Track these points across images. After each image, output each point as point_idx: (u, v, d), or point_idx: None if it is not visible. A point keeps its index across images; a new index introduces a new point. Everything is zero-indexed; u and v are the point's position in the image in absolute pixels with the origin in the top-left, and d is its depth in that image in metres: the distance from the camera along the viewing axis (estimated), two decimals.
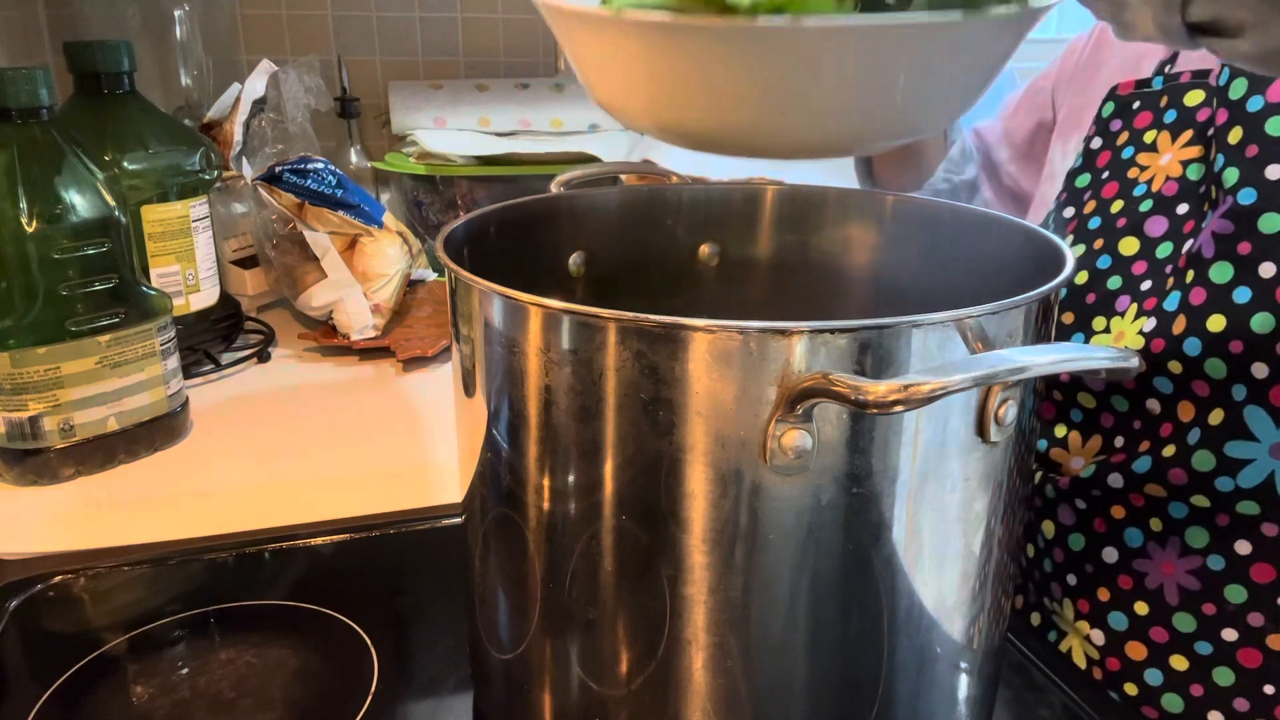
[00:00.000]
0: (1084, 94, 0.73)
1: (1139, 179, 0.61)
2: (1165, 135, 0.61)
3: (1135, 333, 0.56)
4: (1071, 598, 0.62)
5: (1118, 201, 0.61)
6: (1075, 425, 0.61)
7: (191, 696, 0.50)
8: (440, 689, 0.51)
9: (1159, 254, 0.58)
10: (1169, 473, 0.54)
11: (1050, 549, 0.63)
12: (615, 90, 0.43)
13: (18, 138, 0.67)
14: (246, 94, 1.05)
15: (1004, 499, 0.39)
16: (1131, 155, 0.62)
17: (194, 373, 0.89)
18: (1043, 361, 0.33)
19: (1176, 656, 0.57)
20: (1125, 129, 0.63)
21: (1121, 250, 0.59)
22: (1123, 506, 0.58)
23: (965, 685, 0.41)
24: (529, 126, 1.22)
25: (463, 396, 0.42)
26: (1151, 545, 0.57)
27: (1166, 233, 0.58)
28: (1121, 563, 0.59)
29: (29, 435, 0.68)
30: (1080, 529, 0.61)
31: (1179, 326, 0.53)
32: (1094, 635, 0.60)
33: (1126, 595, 0.58)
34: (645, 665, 0.37)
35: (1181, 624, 0.56)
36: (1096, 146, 0.65)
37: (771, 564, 0.35)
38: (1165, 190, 0.59)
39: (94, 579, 0.61)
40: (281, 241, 0.98)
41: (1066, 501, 0.61)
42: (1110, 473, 0.57)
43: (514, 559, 0.40)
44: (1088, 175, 0.64)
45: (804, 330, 0.32)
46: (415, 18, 1.35)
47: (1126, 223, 0.60)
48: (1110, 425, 0.59)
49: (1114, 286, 0.59)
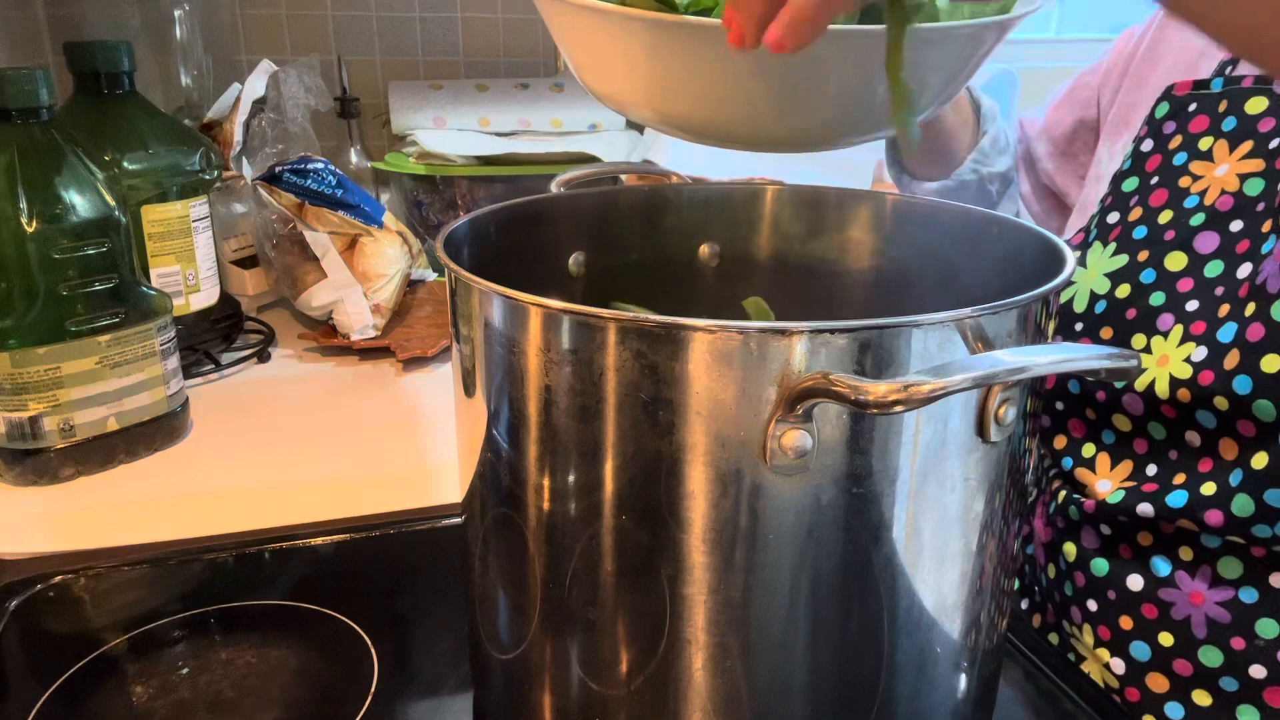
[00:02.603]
0: (1137, 91, 0.69)
1: (1191, 189, 0.57)
2: (1223, 144, 0.57)
3: (1181, 359, 0.53)
4: (1092, 624, 0.59)
5: (1166, 211, 0.57)
6: (1105, 447, 0.59)
7: (191, 696, 0.50)
8: (440, 689, 0.51)
9: (1208, 272, 0.54)
10: (1205, 513, 0.52)
11: (1071, 572, 0.60)
12: (603, 78, 0.44)
13: (18, 138, 0.67)
14: (246, 94, 1.05)
15: (1004, 499, 0.39)
16: (1184, 162, 0.58)
17: (194, 373, 0.89)
18: (1043, 361, 0.33)
19: (1200, 691, 0.55)
20: (1179, 132, 0.59)
21: (1168, 265, 0.56)
22: (1151, 534, 0.56)
23: (965, 685, 0.41)
24: (529, 126, 1.22)
25: (463, 396, 0.42)
26: (1180, 574, 0.55)
27: (1217, 250, 0.54)
28: (1147, 591, 0.56)
29: (29, 435, 0.68)
30: (1104, 554, 0.58)
31: (1231, 361, 0.50)
32: (1114, 664, 0.58)
33: (1150, 625, 0.56)
34: (645, 665, 0.37)
35: (1208, 658, 0.54)
36: (1147, 149, 0.61)
37: (771, 564, 0.35)
38: (1219, 205, 0.55)
39: (94, 579, 0.61)
40: (281, 241, 0.98)
41: (1091, 525, 0.59)
42: (1140, 501, 0.55)
43: (514, 559, 0.40)
44: (1135, 179, 0.61)
45: (804, 330, 0.32)
46: (415, 18, 1.35)
47: (1175, 236, 0.56)
48: (1144, 451, 0.57)
49: (1156, 303, 0.56)
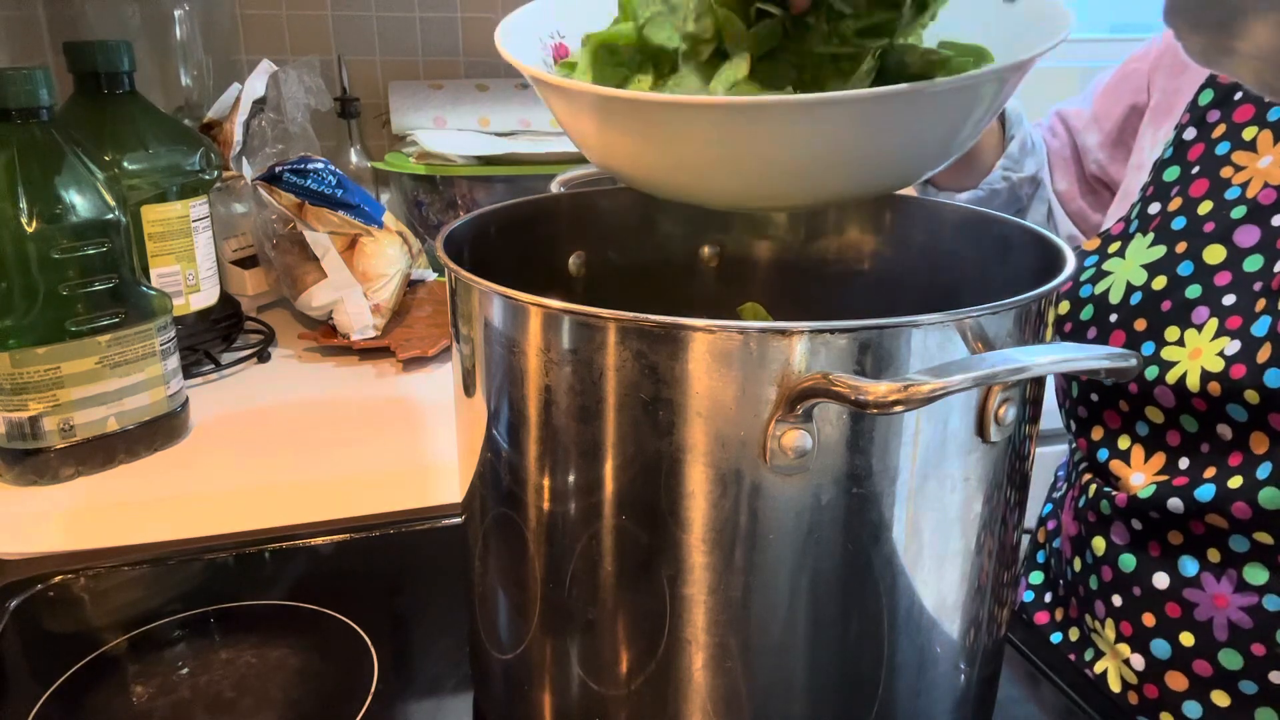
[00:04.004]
0: (1181, 76, 0.66)
1: (1233, 180, 0.56)
2: (1267, 135, 0.56)
3: (1214, 353, 0.53)
4: (1114, 619, 0.59)
5: (1206, 202, 0.57)
6: (1140, 439, 0.58)
7: (191, 696, 0.50)
8: (440, 689, 0.51)
9: (1246, 267, 0.54)
10: (1233, 505, 0.52)
11: (1098, 566, 0.60)
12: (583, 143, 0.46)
13: (18, 138, 0.67)
14: (246, 94, 1.05)
15: (1004, 499, 0.39)
16: (1227, 152, 0.57)
17: (194, 373, 0.89)
18: (1043, 361, 0.33)
19: (1218, 692, 0.55)
20: (1223, 121, 0.58)
21: (1206, 258, 0.55)
22: (1181, 533, 0.56)
23: (965, 685, 0.41)
24: (529, 126, 1.22)
25: (463, 396, 0.42)
26: (1206, 576, 0.55)
27: (1258, 244, 0.54)
28: (1172, 590, 0.56)
29: (29, 435, 0.68)
30: (1133, 550, 0.58)
31: (1264, 355, 0.50)
32: (1134, 660, 0.58)
33: (1173, 624, 0.56)
34: (645, 665, 0.37)
35: (1228, 660, 0.54)
36: (1190, 138, 0.60)
37: (771, 564, 0.35)
38: (1262, 198, 0.54)
39: (94, 579, 0.61)
40: (281, 241, 0.98)
41: (1121, 520, 0.59)
42: (1171, 496, 0.55)
43: (514, 559, 0.40)
44: (1177, 168, 0.60)
45: (804, 330, 0.32)
46: (415, 18, 1.35)
47: (1215, 228, 0.55)
48: (1176, 444, 0.56)
49: (1193, 295, 0.55)
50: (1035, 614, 0.68)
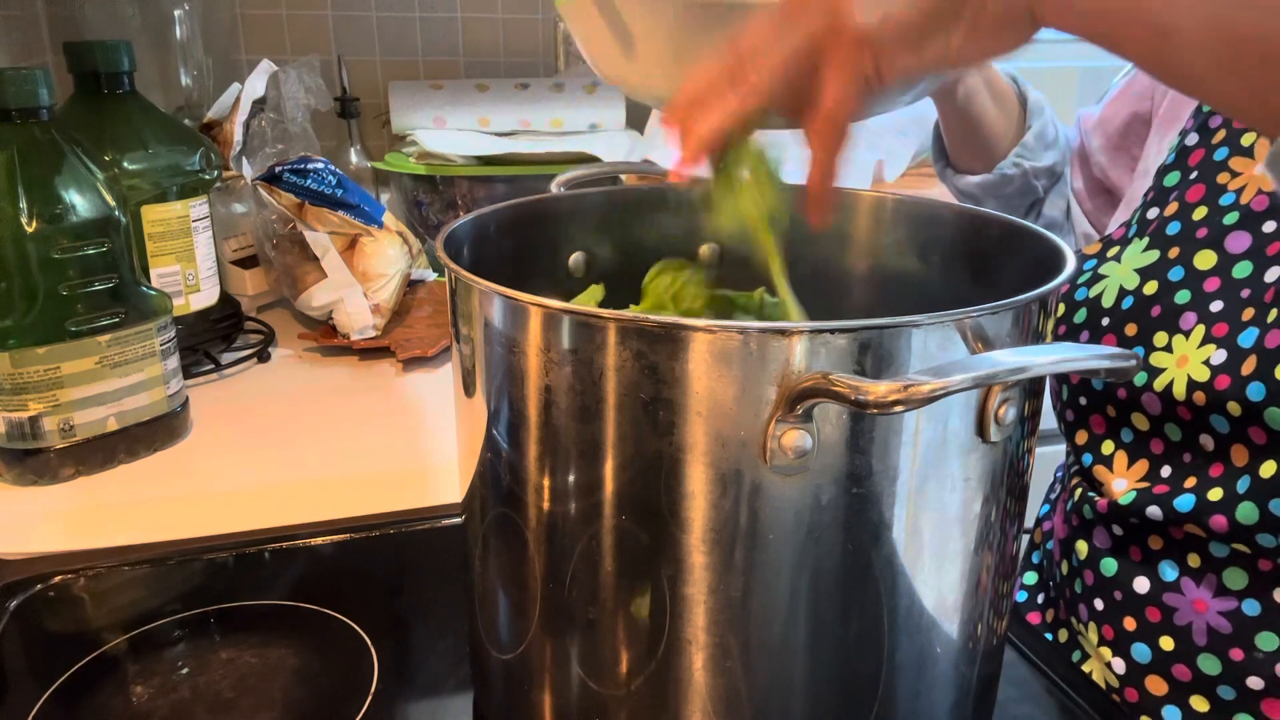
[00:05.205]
0: None
1: (1228, 186, 0.56)
2: (1265, 142, 0.55)
3: (1200, 361, 0.52)
4: (1097, 622, 0.60)
5: (1201, 208, 0.56)
6: (1124, 445, 0.59)
7: (191, 696, 0.50)
8: (440, 689, 0.51)
9: (1235, 273, 0.53)
10: (1211, 518, 0.52)
11: (1081, 570, 0.61)
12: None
13: (18, 138, 0.67)
14: (246, 94, 1.05)
15: (1004, 499, 0.39)
16: (1225, 158, 0.57)
17: (194, 373, 0.89)
18: (1043, 361, 0.33)
19: (1197, 697, 0.55)
20: (1223, 127, 0.58)
21: (1196, 263, 0.55)
22: (1161, 538, 0.56)
23: (965, 685, 0.41)
24: (529, 126, 1.22)
25: (463, 396, 0.42)
26: (1186, 581, 0.55)
27: (1248, 251, 0.54)
28: (1152, 594, 0.56)
29: (29, 435, 0.68)
30: (1114, 554, 0.58)
31: (1248, 367, 0.50)
32: (1115, 663, 0.58)
33: (1153, 628, 0.56)
34: (645, 665, 0.37)
35: (1206, 665, 0.54)
36: (1191, 143, 0.60)
37: (771, 564, 0.35)
38: (1255, 204, 0.54)
39: (94, 579, 0.61)
40: (281, 241, 0.98)
41: (1103, 524, 0.59)
42: (1151, 504, 0.55)
43: (514, 559, 0.40)
44: (1177, 174, 0.60)
45: (804, 330, 0.32)
46: (415, 18, 1.35)
47: (1207, 234, 0.55)
48: (1160, 452, 0.56)
49: (1181, 301, 0.55)
50: (1027, 614, 0.68)
